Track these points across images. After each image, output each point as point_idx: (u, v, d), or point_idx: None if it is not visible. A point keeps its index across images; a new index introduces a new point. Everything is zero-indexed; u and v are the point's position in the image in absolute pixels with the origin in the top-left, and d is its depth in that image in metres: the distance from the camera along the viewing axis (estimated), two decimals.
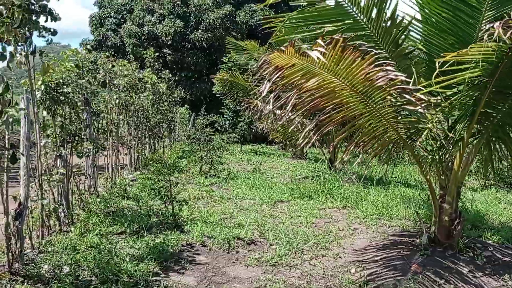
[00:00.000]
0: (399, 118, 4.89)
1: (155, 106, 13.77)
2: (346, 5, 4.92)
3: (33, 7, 4.36)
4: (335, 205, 7.69)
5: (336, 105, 4.79)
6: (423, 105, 4.31)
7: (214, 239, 5.35)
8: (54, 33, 4.87)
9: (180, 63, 27.77)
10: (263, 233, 5.73)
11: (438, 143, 4.95)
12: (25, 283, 4.14)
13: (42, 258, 4.78)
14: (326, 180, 9.01)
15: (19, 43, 4.24)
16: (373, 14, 4.83)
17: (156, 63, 15.23)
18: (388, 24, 4.83)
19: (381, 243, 5.61)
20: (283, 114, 4.71)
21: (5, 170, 4.33)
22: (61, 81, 5.83)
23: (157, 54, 15.39)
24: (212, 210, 6.77)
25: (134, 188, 9.00)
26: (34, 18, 4.61)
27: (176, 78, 21.07)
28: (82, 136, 6.77)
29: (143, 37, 27.70)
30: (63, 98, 5.84)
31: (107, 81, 9.64)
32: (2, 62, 4.02)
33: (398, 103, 4.64)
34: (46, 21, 4.90)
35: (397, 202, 7.83)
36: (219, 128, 15.92)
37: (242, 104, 12.09)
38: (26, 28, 4.50)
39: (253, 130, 20.23)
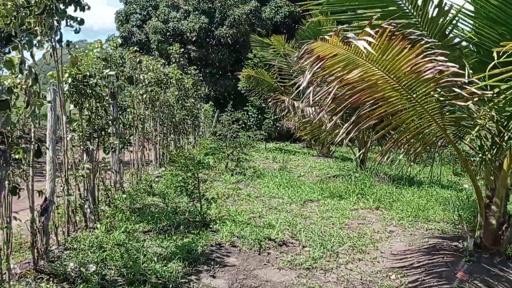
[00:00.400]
0: (446, 113, 4.54)
1: (180, 102, 13.64)
2: None
3: None
4: (367, 205, 7.36)
5: (377, 100, 4.48)
6: (475, 100, 3.95)
7: (244, 240, 5.11)
8: (81, 22, 4.70)
9: (204, 60, 27.65)
10: (295, 234, 5.46)
11: (489, 141, 4.58)
12: (51, 281, 3.99)
13: (68, 255, 4.63)
14: (357, 179, 8.65)
15: (46, 32, 4.07)
16: (419, 1, 4.49)
17: (182, 59, 15.09)
18: (435, 13, 4.48)
19: (421, 247, 5.26)
20: (319, 110, 4.41)
21: (31, 165, 4.18)
22: (87, 73, 5.69)
23: (182, 50, 15.23)
24: (240, 208, 6.54)
25: (159, 184, 8.85)
26: (62, 7, 4.46)
27: (201, 75, 20.94)
28: (109, 131, 6.64)
29: (168, 34, 27.68)
30: (90, 91, 5.69)
31: (134, 76, 9.54)
32: (30, 56, 3.84)
33: (445, 98, 4.30)
34: (75, 11, 4.76)
35: (433, 204, 7.44)
36: (243, 125, 15.66)
37: (269, 100, 11.79)
38: (55, 19, 4.36)
39: (278, 128, 19.92)
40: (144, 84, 9.81)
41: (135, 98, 9.34)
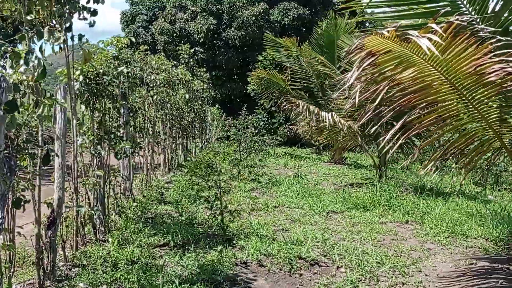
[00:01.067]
0: (505, 120, 4.03)
1: (189, 104, 13.16)
2: None
3: None
4: (396, 218, 6.83)
5: (429, 104, 3.97)
6: None
7: (273, 258, 4.59)
8: (94, 13, 4.22)
9: (211, 62, 27.18)
10: (327, 252, 4.94)
11: None
12: None
13: (77, 273, 4.12)
14: (382, 189, 8.11)
15: (57, 20, 3.58)
16: None
17: (191, 60, 14.62)
18: (498, 7, 3.97)
19: (469, 269, 4.73)
20: (364, 112, 3.90)
21: (38, 173, 3.68)
22: (101, 71, 5.20)
23: (192, 50, 14.75)
24: (262, 221, 6.01)
25: (171, 191, 8.34)
26: None
27: (208, 76, 20.52)
28: (121, 134, 6.15)
29: (174, 35, 27.24)
30: (103, 90, 5.19)
31: (144, 76, 9.06)
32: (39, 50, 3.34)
33: (508, 103, 3.78)
34: (88, 2, 4.28)
35: (466, 218, 6.90)
36: (253, 129, 15.18)
37: (284, 104, 11.26)
38: (66, 8, 3.87)
39: (288, 132, 19.43)
40: (155, 84, 9.33)
41: (146, 99, 8.85)
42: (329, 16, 14.92)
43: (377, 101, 3.74)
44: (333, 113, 10.01)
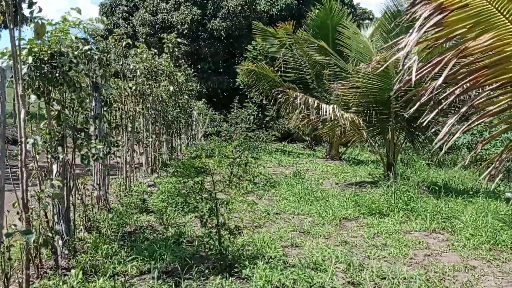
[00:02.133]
0: None
1: (173, 98, 11.96)
2: None
3: None
4: (421, 226, 5.80)
5: (502, 84, 2.91)
6: None
7: None
8: None
9: (196, 54, 25.90)
10: (355, 279, 3.87)
11: None
12: None
13: None
14: (399, 190, 7.04)
15: None
16: None
17: (176, 49, 13.39)
18: None
19: None
20: (422, 90, 2.82)
21: None
22: (58, 51, 4.02)
23: (177, 39, 13.51)
24: (267, 236, 4.89)
25: (154, 197, 7.20)
26: None
27: (192, 70, 19.25)
28: (90, 132, 4.98)
29: (157, 26, 25.87)
30: (60, 76, 4.02)
31: (121, 65, 7.87)
32: None
33: None
34: None
35: (503, 223, 5.89)
36: (247, 124, 14.04)
37: (280, 96, 10.11)
38: None
39: (282, 127, 18.34)
40: (134, 75, 8.15)
41: (124, 91, 7.67)
42: (318, 5, 13.89)
43: (441, 79, 2.66)
44: (335, 106, 8.96)
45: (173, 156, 13.30)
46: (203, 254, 4.31)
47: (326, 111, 8.80)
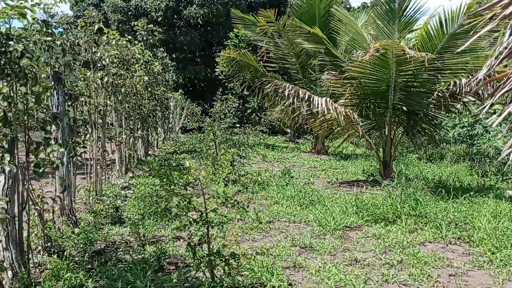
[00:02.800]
0: None
1: (150, 89, 11.02)
2: None
3: None
4: (435, 236, 5.14)
5: None
6: None
7: None
8: None
9: (171, 43, 24.74)
10: None
11: None
12: None
13: None
14: (405, 193, 6.37)
15: None
16: None
17: (150, 37, 12.40)
18: None
19: None
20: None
21: None
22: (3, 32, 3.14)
23: (151, 26, 12.52)
24: (266, 259, 4.09)
25: (129, 203, 6.35)
26: None
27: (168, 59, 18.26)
28: (49, 134, 4.09)
29: (129, 13, 24.58)
30: (6, 64, 3.13)
31: (89, 53, 6.93)
32: None
33: None
34: None
35: None
36: (223, 116, 13.22)
37: (267, 87, 9.29)
38: None
39: (262, 119, 17.58)
40: (104, 64, 7.22)
41: (92, 82, 6.74)
42: None
43: None
44: (327, 98, 8.23)
45: (149, 152, 12.39)
46: (190, 284, 3.52)
47: (318, 104, 8.07)
